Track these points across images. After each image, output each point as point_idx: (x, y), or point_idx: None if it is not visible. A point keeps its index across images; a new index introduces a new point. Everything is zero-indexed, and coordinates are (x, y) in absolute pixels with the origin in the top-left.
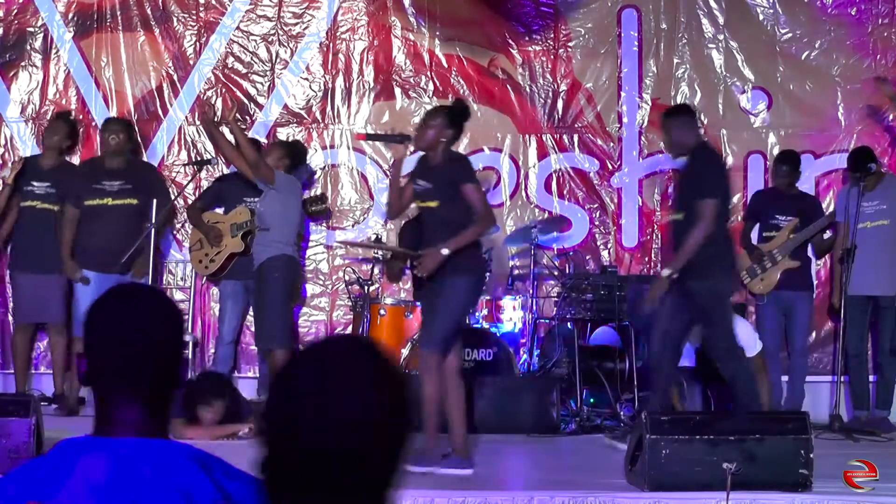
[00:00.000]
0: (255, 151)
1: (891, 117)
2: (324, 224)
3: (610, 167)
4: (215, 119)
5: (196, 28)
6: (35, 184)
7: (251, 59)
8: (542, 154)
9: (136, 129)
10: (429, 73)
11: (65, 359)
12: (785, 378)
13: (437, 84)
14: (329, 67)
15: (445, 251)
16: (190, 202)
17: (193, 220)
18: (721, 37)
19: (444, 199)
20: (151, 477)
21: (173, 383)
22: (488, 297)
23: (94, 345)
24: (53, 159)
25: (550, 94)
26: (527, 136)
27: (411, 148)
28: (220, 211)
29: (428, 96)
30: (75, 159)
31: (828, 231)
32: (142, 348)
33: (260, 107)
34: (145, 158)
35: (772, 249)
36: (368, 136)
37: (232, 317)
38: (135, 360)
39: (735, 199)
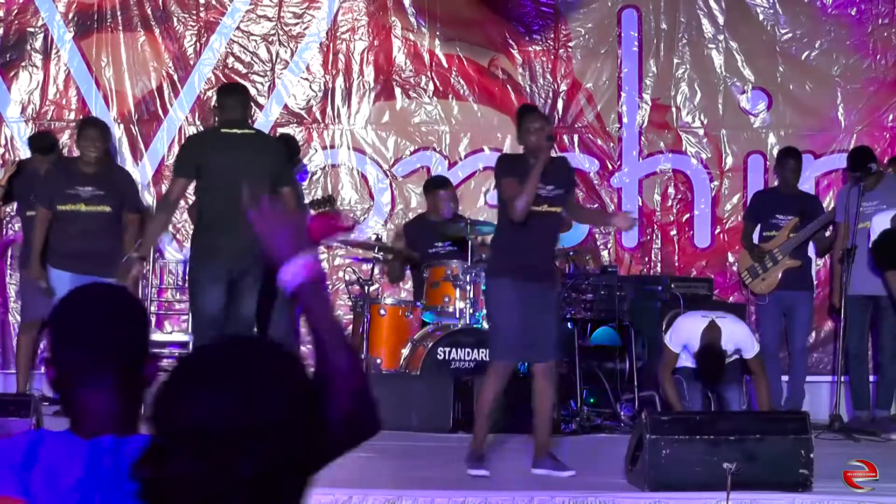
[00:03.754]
0: None
1: (891, 117)
2: None
3: (610, 167)
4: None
5: (196, 28)
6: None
7: (251, 59)
8: None
9: (111, 131)
10: (429, 74)
11: None
12: (785, 378)
13: (438, 84)
14: (329, 67)
15: None
16: (192, 201)
17: (194, 219)
18: (721, 37)
19: (565, 205)
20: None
21: (143, 380)
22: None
23: (61, 344)
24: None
25: (550, 94)
26: None
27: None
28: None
29: (428, 96)
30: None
31: (829, 229)
32: (108, 343)
33: (260, 107)
34: (145, 158)
35: (772, 249)
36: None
37: None
38: (102, 354)
39: (735, 198)
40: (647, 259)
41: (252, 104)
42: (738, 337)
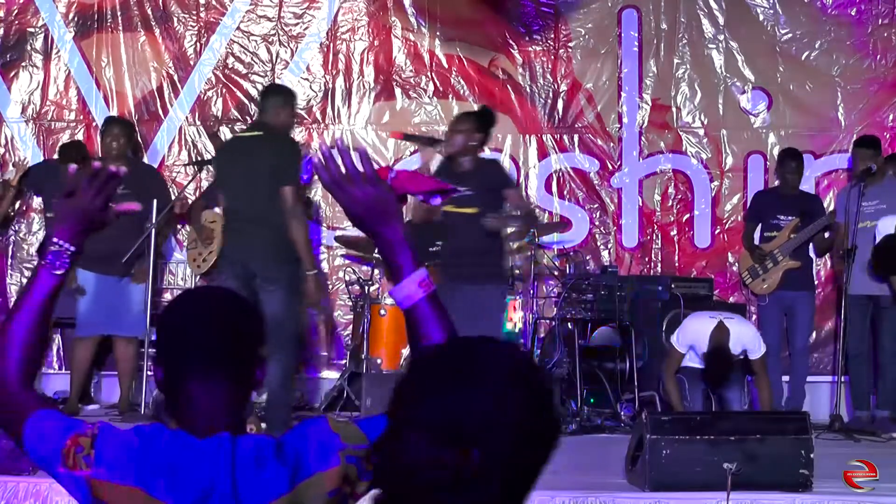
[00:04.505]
0: None
1: (891, 117)
2: (324, 224)
3: (610, 167)
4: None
5: (196, 28)
6: None
7: (251, 59)
8: (543, 154)
9: (136, 128)
10: (429, 74)
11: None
12: (785, 378)
13: (438, 84)
14: (329, 68)
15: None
16: (192, 200)
17: (191, 218)
18: (721, 37)
19: (484, 206)
20: (251, 471)
21: (255, 382)
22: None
23: (174, 345)
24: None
25: (551, 94)
26: (527, 136)
27: (437, 152)
28: (219, 210)
29: (428, 96)
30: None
31: (828, 231)
32: (222, 345)
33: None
34: (145, 159)
35: (773, 250)
36: (405, 136)
37: None
38: (217, 356)
39: (735, 199)
40: (647, 259)
41: (288, 106)
42: (745, 338)
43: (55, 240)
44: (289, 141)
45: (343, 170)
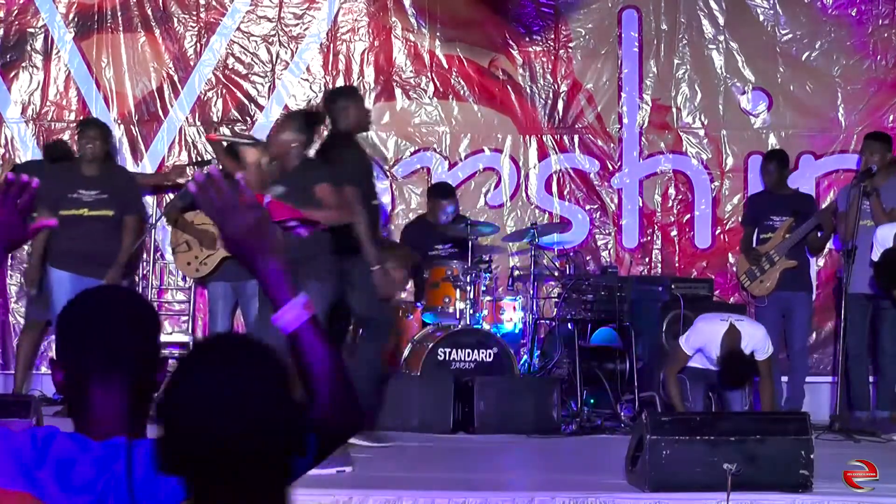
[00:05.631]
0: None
1: (891, 118)
2: None
3: (610, 168)
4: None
5: (196, 29)
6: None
7: (252, 59)
8: (543, 155)
9: (111, 131)
10: (429, 74)
11: None
12: (785, 378)
13: (438, 85)
14: (329, 68)
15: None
16: (167, 202)
17: (176, 221)
18: (721, 37)
19: (301, 203)
20: (142, 478)
21: (153, 385)
22: (490, 298)
23: (71, 346)
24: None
25: (551, 94)
26: (527, 136)
27: (260, 153)
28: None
29: (428, 97)
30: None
31: (821, 229)
32: (120, 347)
33: (260, 108)
34: (146, 160)
35: (769, 251)
36: (220, 137)
37: (224, 317)
38: (115, 358)
39: (735, 199)
40: (647, 260)
41: (351, 104)
42: (755, 339)
43: None
44: (352, 145)
45: (221, 197)
